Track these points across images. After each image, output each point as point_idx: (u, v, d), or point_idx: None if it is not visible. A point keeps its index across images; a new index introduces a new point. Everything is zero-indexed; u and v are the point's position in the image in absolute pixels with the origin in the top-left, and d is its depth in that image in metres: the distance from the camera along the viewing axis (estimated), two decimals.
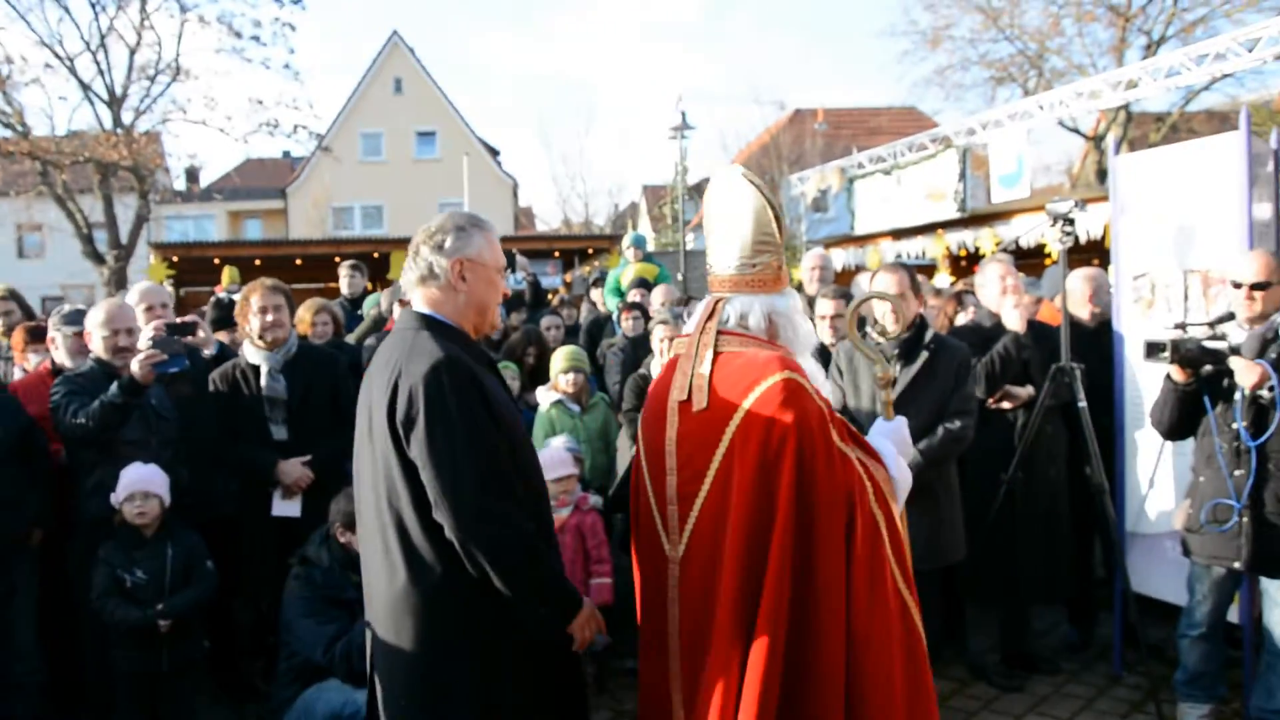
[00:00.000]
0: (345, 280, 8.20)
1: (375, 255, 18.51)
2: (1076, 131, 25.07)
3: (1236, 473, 4.08)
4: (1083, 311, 5.46)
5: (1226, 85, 21.75)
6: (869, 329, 4.88)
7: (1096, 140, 24.15)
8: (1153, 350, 4.14)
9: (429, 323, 2.79)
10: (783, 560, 2.60)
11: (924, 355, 4.63)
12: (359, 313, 7.63)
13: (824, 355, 4.71)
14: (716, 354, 2.79)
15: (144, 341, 4.50)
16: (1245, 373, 3.95)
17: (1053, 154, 32.62)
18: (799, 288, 7.25)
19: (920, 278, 7.14)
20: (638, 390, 5.25)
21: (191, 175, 27.90)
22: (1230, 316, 4.25)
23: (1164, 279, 4.90)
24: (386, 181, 39.85)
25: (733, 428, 2.69)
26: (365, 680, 3.65)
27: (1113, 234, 5.18)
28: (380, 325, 6.77)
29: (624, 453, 5.34)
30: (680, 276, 18.02)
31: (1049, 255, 10.21)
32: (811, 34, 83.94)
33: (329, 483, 4.57)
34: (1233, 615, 4.53)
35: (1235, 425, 4.08)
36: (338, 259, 11.18)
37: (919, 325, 4.72)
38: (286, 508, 4.72)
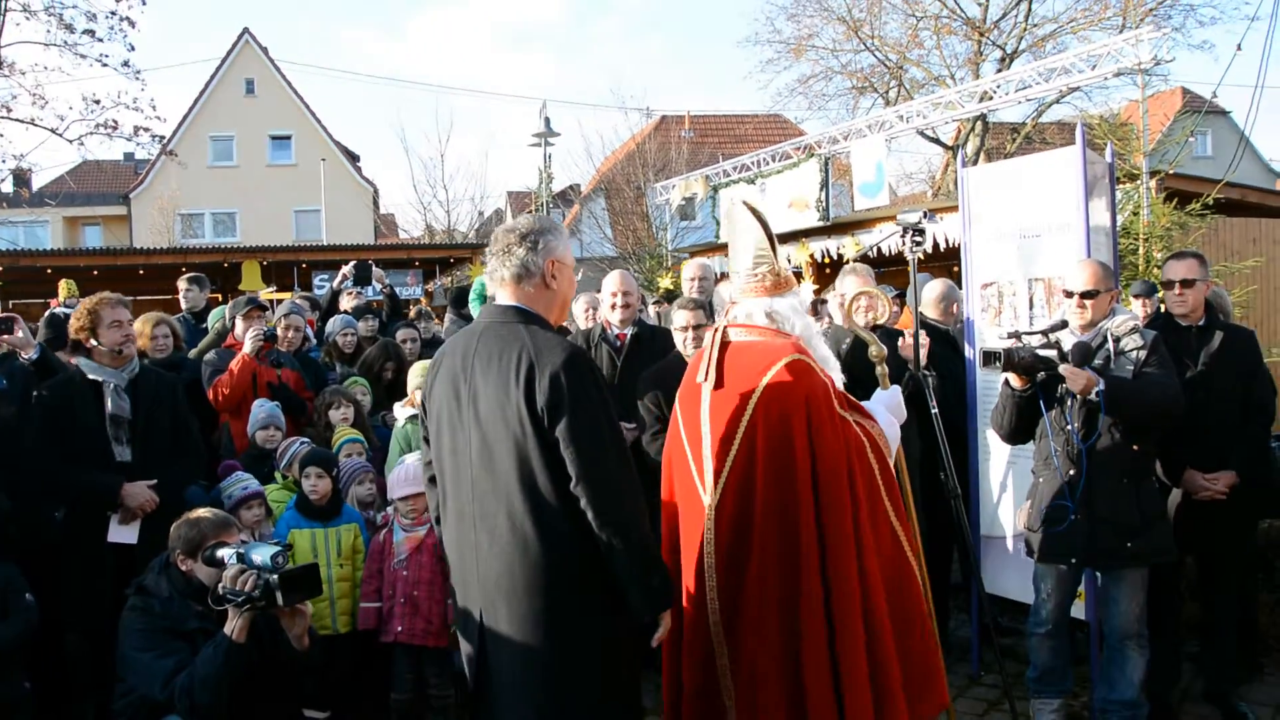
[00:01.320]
0: (183, 294, 7.72)
1: (225, 265, 17.84)
2: (937, 141, 25.85)
3: (1070, 473, 4.23)
4: (945, 319, 5.57)
5: (1075, 99, 22.83)
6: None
7: (956, 150, 24.99)
8: (988, 359, 4.27)
9: (530, 317, 3.08)
10: (808, 502, 3.23)
11: None
12: (203, 326, 7.24)
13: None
14: (726, 343, 3.46)
15: None
16: (1075, 379, 4.10)
17: (915, 163, 33.71)
18: (670, 296, 7.20)
19: None
20: None
21: (20, 179, 26.04)
22: (1063, 324, 4.39)
23: (1010, 287, 5.04)
24: (239, 187, 38.24)
25: (754, 400, 3.30)
26: (206, 716, 3.45)
27: (962, 244, 5.30)
28: (223, 338, 6.43)
29: None
30: None
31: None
32: (678, 40, 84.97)
33: (168, 508, 4.37)
34: (1080, 612, 4.68)
35: (1068, 428, 4.23)
36: (184, 269, 10.71)
37: None
38: (124, 534, 4.46)
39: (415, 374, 5.65)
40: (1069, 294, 4.32)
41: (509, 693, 3.05)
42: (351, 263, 8.90)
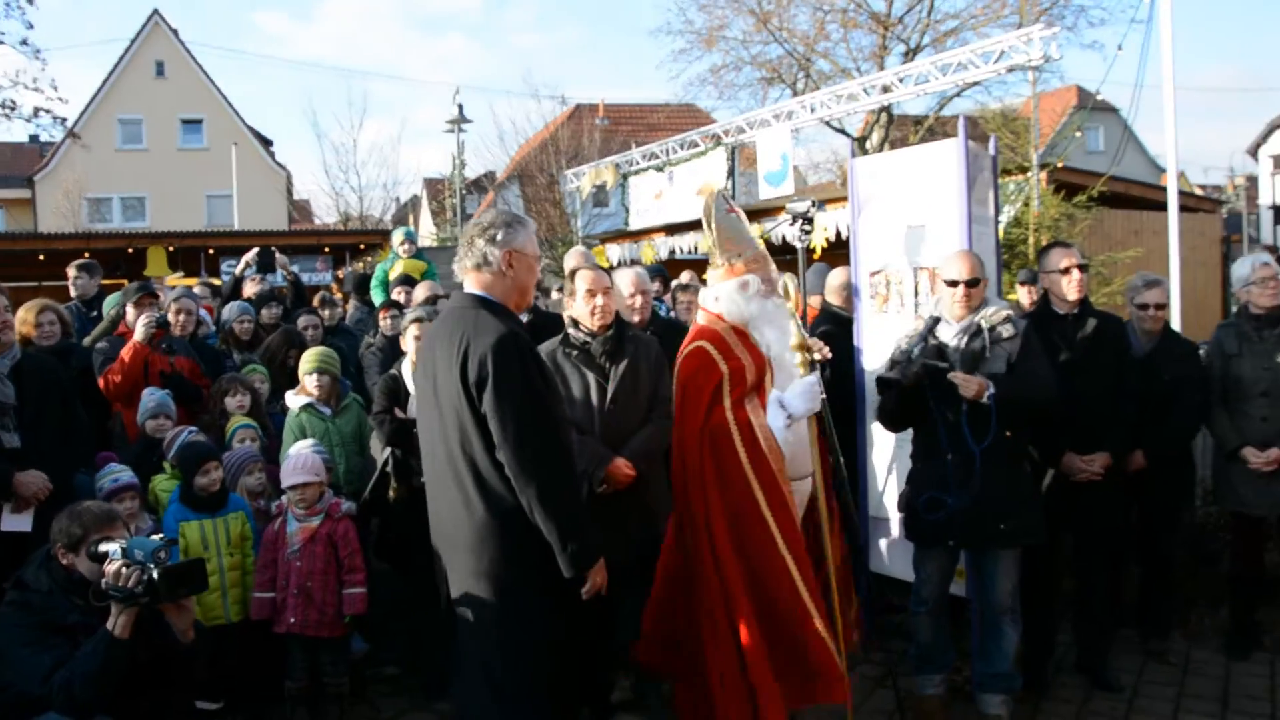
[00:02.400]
0: (73, 281, 7.45)
1: (130, 250, 17.36)
2: (843, 132, 26.17)
3: (950, 457, 4.33)
4: (848, 306, 5.69)
5: (976, 93, 23.34)
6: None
7: (862, 141, 25.34)
8: (882, 387, 4.34)
9: (483, 303, 3.44)
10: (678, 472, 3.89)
11: (629, 352, 4.62)
12: (94, 314, 7.07)
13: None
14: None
15: None
16: (967, 386, 4.19)
17: (823, 153, 34.08)
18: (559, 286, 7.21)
19: (688, 273, 7.29)
20: (387, 392, 5.05)
21: None
22: (935, 320, 4.48)
23: (897, 276, 5.18)
24: (149, 171, 37.22)
25: (676, 373, 3.94)
26: (86, 712, 3.39)
27: (851, 232, 5.43)
28: (115, 325, 6.29)
29: (377, 456, 5.20)
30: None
31: (814, 251, 10.64)
32: (594, 28, 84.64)
33: (59, 494, 4.33)
34: (961, 590, 4.85)
35: (951, 418, 4.30)
36: (87, 254, 10.45)
37: (618, 324, 4.68)
38: (17, 522, 4.38)
39: (306, 362, 5.60)
40: (952, 284, 4.42)
41: (466, 638, 3.46)
42: (255, 249, 8.75)
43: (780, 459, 3.81)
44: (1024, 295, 6.91)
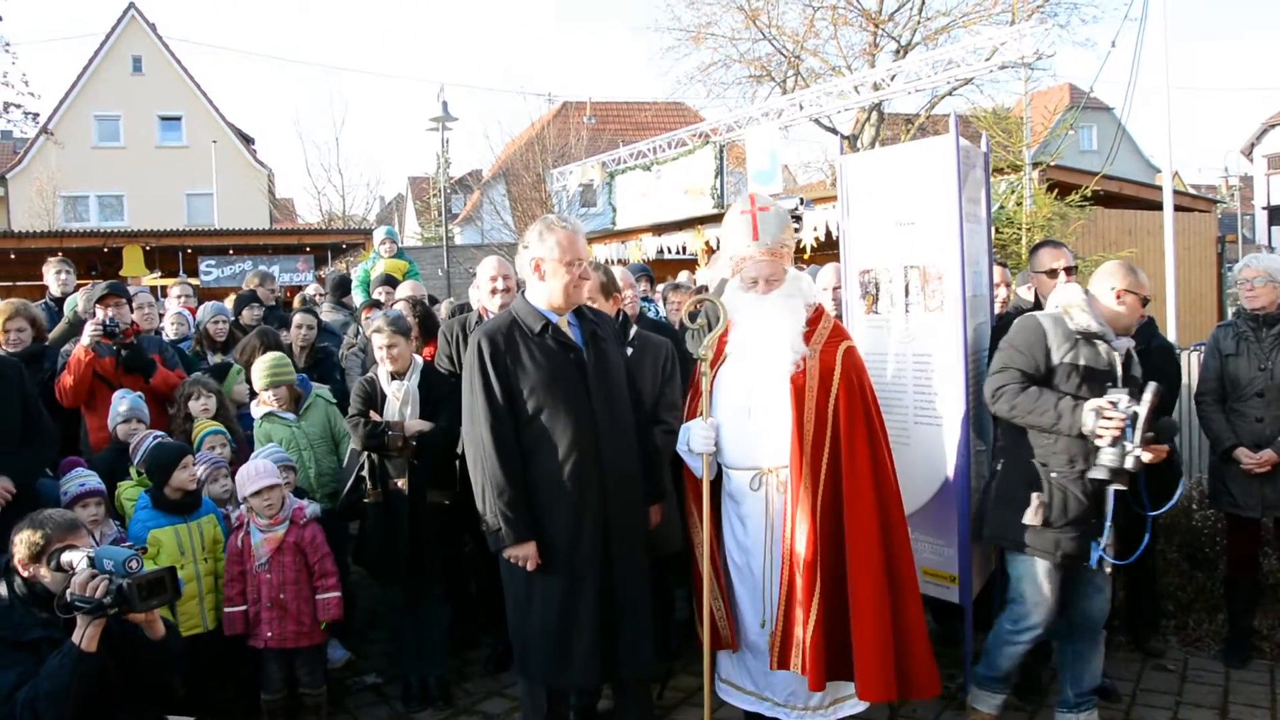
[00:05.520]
0: (52, 279, 7.36)
1: (105, 249, 17.10)
2: (834, 131, 26.12)
3: (1115, 488, 4.02)
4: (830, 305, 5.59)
5: (968, 91, 23.32)
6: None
7: (853, 139, 25.29)
8: (1114, 476, 4.00)
9: (518, 303, 3.88)
10: None
11: (629, 351, 4.52)
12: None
13: None
14: None
15: None
16: (1157, 456, 3.98)
17: (812, 152, 34.11)
18: None
19: (685, 273, 7.17)
20: (363, 395, 4.91)
21: None
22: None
23: (886, 275, 5.06)
24: (126, 169, 36.86)
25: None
26: None
27: (840, 230, 5.31)
28: (77, 328, 6.10)
29: (353, 460, 5.05)
30: (442, 271, 17.57)
31: (804, 251, 10.56)
32: (581, 24, 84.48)
33: (22, 498, 4.22)
34: (955, 596, 4.72)
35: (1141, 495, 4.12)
36: (60, 253, 10.25)
37: (622, 321, 4.62)
38: None
39: (258, 377, 5.42)
40: (1144, 300, 4.19)
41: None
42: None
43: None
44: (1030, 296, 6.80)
